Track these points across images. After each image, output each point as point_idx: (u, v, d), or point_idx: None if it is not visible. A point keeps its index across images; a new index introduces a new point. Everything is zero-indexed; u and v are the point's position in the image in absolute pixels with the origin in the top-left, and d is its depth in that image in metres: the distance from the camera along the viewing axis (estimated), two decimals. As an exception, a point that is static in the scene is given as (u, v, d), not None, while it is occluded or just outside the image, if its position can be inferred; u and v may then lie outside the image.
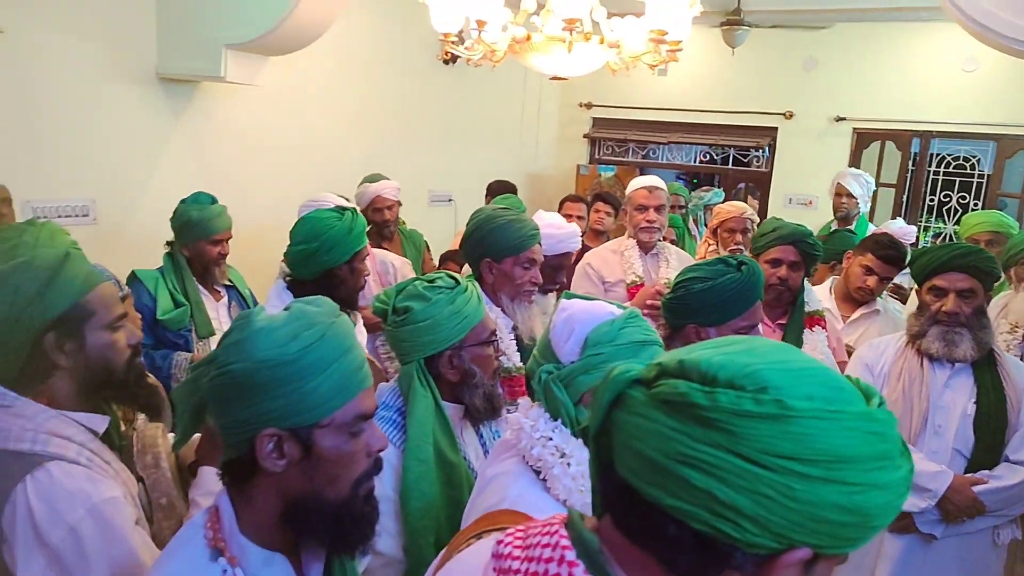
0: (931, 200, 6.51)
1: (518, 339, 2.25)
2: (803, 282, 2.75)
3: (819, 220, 5.07)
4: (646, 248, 3.40)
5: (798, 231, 2.73)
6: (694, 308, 1.87)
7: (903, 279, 3.56)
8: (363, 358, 1.09)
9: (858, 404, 0.66)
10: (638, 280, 3.32)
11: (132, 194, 3.63)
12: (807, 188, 6.38)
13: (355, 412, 1.05)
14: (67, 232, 1.46)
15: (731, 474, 0.63)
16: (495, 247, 2.24)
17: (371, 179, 3.82)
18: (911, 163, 6.36)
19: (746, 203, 4.17)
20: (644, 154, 7.07)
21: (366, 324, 2.69)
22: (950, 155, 6.38)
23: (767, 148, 6.57)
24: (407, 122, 5.37)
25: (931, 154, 6.33)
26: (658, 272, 3.40)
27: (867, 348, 2.50)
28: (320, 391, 1.01)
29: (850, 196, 4.45)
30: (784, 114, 6.40)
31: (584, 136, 7.09)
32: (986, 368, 2.27)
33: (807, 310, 2.74)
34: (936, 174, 6.42)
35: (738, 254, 3.07)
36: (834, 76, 6.20)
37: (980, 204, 6.24)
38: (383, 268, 3.24)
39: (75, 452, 1.24)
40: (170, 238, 2.95)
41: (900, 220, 4.15)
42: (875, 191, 5.04)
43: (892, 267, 3.05)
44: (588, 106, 7.00)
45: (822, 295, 3.06)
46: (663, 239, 3.46)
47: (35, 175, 3.17)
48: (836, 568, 0.70)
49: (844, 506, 0.63)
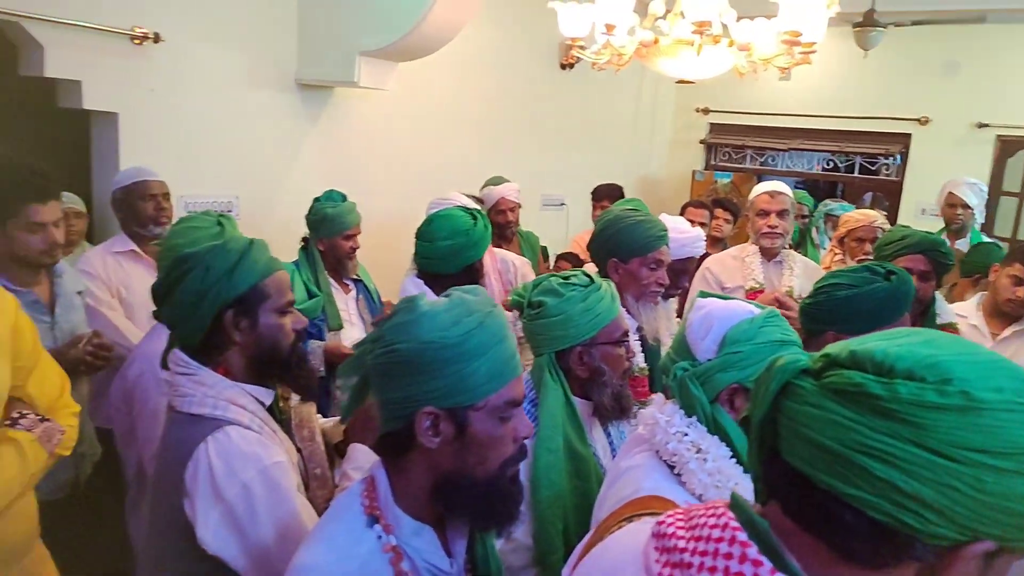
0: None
1: (642, 340, 2.25)
2: (934, 293, 2.63)
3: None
4: (769, 255, 3.32)
5: (928, 239, 2.62)
6: (835, 315, 1.84)
7: None
8: (515, 348, 1.14)
9: None
10: (757, 287, 3.24)
11: (270, 191, 3.87)
12: (943, 198, 6.01)
13: (507, 398, 1.10)
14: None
15: (915, 465, 0.63)
16: (623, 247, 2.25)
17: (494, 181, 3.91)
18: (1061, 173, 5.89)
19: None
20: (762, 161, 6.87)
21: None
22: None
23: (898, 156, 6.23)
24: (523, 126, 5.45)
25: (1085, 163, 5.84)
26: (780, 280, 3.31)
27: None
28: (478, 375, 1.06)
29: (965, 207, 4.13)
30: (919, 119, 6.05)
31: (700, 142, 6.96)
32: None
33: (939, 322, 2.61)
34: (1090, 185, 5.92)
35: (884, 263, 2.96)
36: (977, 79, 5.80)
37: None
38: (504, 267, 3.31)
39: (248, 419, 1.37)
40: (304, 233, 3.13)
41: None
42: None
43: None
44: (705, 111, 6.87)
45: (967, 310, 2.89)
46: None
47: (187, 172, 3.43)
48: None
49: None
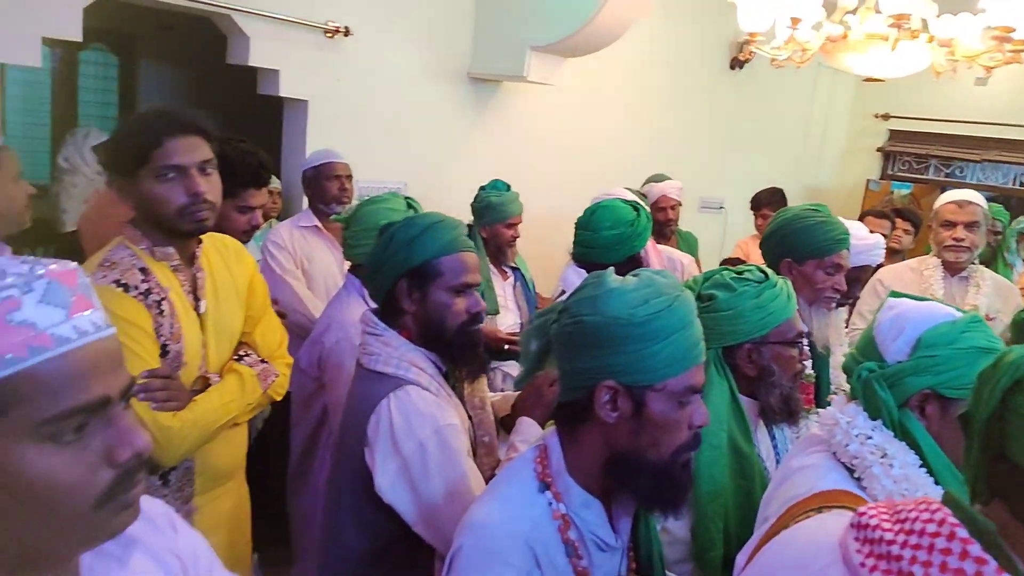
0: None
1: (811, 347, 2.16)
2: None
3: None
4: (953, 269, 3.07)
5: None
6: None
7: None
8: (701, 335, 1.13)
9: None
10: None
11: (437, 179, 4.04)
12: None
13: (687, 383, 1.10)
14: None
15: None
16: (799, 247, 2.16)
17: (656, 178, 3.87)
18: None
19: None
20: (948, 172, 6.32)
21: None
22: None
23: (1110, 172, 5.56)
24: (687, 125, 5.35)
25: None
26: (965, 297, 3.05)
27: None
28: (660, 356, 1.07)
29: None
30: None
31: (878, 149, 6.52)
32: None
33: None
34: None
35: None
36: None
37: None
38: (670, 264, 3.27)
39: (427, 381, 1.46)
40: (468, 220, 3.24)
41: None
42: None
43: None
44: (885, 117, 6.42)
45: None
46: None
47: (365, 157, 3.65)
48: None
49: None
